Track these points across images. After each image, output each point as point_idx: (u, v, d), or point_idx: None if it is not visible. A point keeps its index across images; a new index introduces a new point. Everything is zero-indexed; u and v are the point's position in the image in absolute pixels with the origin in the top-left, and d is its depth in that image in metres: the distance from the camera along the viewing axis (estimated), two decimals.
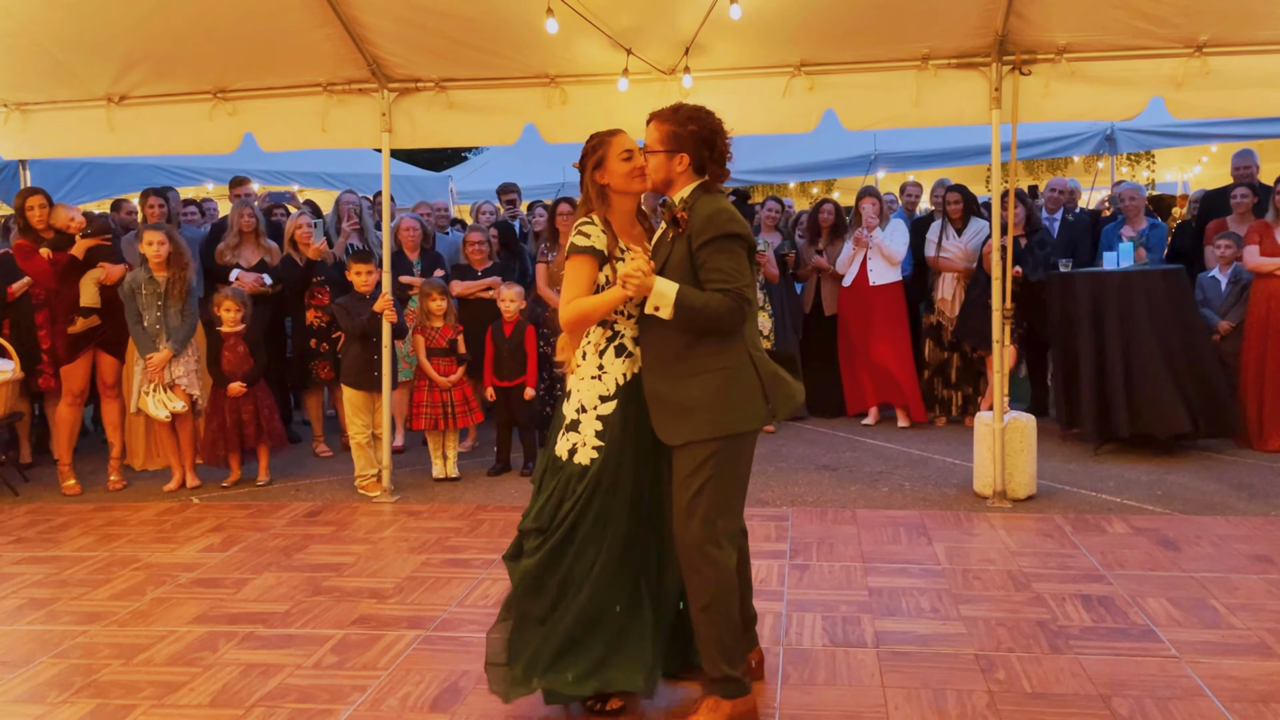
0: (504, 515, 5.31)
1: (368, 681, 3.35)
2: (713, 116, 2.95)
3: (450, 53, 5.44)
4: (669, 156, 2.92)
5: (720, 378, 2.82)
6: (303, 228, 6.75)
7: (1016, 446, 5.28)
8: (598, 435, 2.94)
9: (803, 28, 5.13)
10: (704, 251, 2.81)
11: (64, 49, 5.55)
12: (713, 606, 2.86)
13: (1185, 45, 5.01)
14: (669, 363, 2.87)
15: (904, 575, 4.21)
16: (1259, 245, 6.29)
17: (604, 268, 2.95)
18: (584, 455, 2.94)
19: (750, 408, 2.85)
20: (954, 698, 3.11)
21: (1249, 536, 4.61)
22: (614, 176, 3.00)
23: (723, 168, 2.95)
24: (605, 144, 3.02)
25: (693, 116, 2.91)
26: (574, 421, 2.98)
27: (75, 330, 5.94)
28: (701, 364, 2.83)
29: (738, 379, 2.84)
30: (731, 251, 2.81)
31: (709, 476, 2.82)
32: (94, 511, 5.65)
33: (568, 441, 2.98)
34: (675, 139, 2.91)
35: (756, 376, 2.86)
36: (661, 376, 2.89)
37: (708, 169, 2.92)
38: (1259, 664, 3.30)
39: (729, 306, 2.77)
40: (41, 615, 4.05)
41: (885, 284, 7.24)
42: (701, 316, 2.78)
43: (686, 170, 2.92)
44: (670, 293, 2.78)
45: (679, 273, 2.84)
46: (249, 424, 6.00)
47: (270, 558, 4.71)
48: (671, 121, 2.92)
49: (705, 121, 2.92)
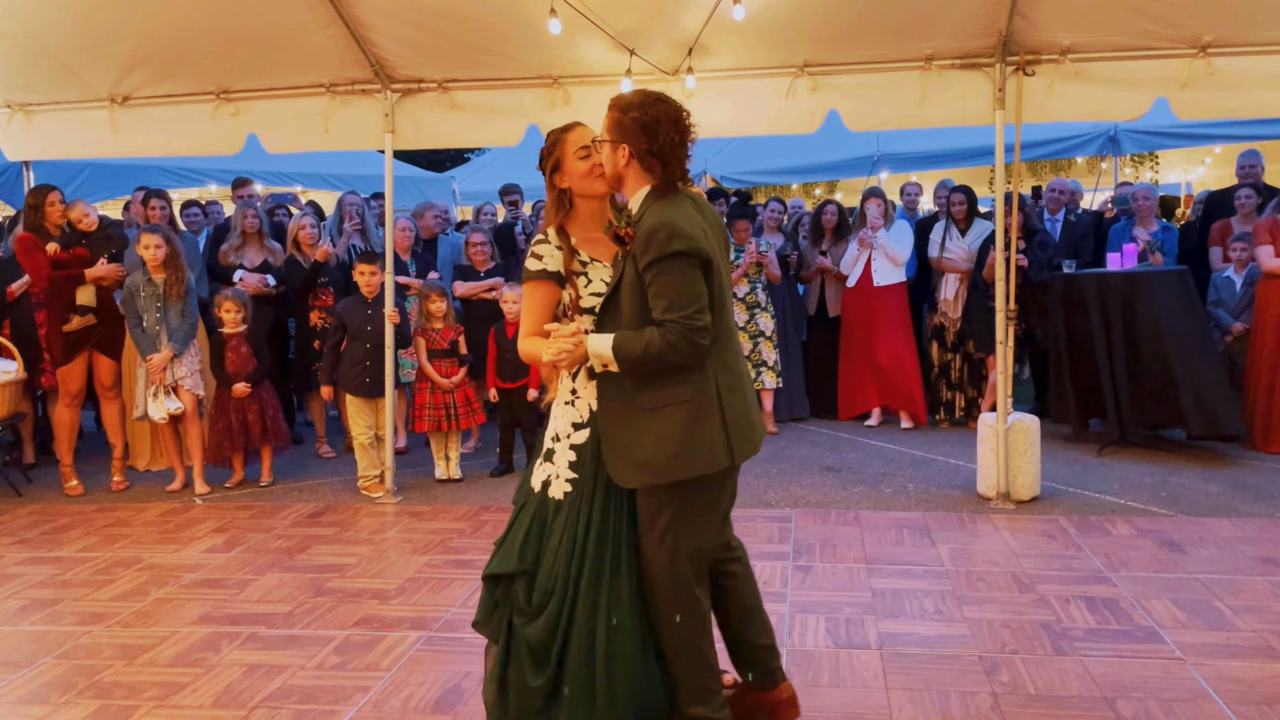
0: (506, 516, 5.27)
1: (370, 682, 3.35)
2: (662, 103, 2.58)
3: (453, 53, 5.44)
4: (613, 148, 2.60)
5: (680, 414, 2.52)
6: (305, 229, 6.75)
7: (1020, 448, 5.27)
8: (571, 467, 2.68)
9: (806, 28, 5.12)
10: (647, 275, 2.47)
11: (67, 50, 5.56)
12: (684, 644, 2.66)
13: (1190, 46, 5.00)
14: (629, 394, 2.56)
15: (907, 577, 4.20)
16: (1272, 245, 6.26)
17: (565, 287, 2.69)
18: (557, 489, 2.69)
19: (709, 451, 2.54)
20: (958, 699, 3.11)
21: (1254, 538, 4.60)
22: (572, 178, 2.72)
23: (670, 164, 2.56)
24: (561, 141, 2.73)
25: (635, 102, 2.57)
26: (549, 450, 2.74)
27: (71, 328, 5.94)
28: (663, 396, 2.53)
29: (698, 417, 2.53)
30: (675, 273, 2.45)
31: (670, 520, 2.59)
32: (97, 512, 5.65)
33: (543, 472, 2.74)
34: (618, 127, 2.58)
35: (719, 414, 2.55)
36: (617, 414, 2.60)
37: (649, 164, 2.56)
38: (1264, 666, 3.29)
39: (670, 341, 2.43)
40: (44, 616, 4.05)
41: (890, 285, 7.24)
42: (646, 361, 2.47)
43: (632, 165, 2.58)
44: (605, 350, 2.50)
45: (632, 294, 2.53)
46: (254, 424, 6.01)
47: (273, 558, 4.71)
48: (616, 108, 2.60)
49: (649, 107, 2.55)
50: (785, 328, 7.48)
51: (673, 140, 2.55)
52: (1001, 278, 5.31)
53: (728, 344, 2.64)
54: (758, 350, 7.21)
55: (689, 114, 2.63)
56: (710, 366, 2.58)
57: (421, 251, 7.14)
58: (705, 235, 2.54)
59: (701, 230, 2.54)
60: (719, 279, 2.57)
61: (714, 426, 2.56)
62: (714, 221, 2.67)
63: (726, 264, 2.66)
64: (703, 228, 2.56)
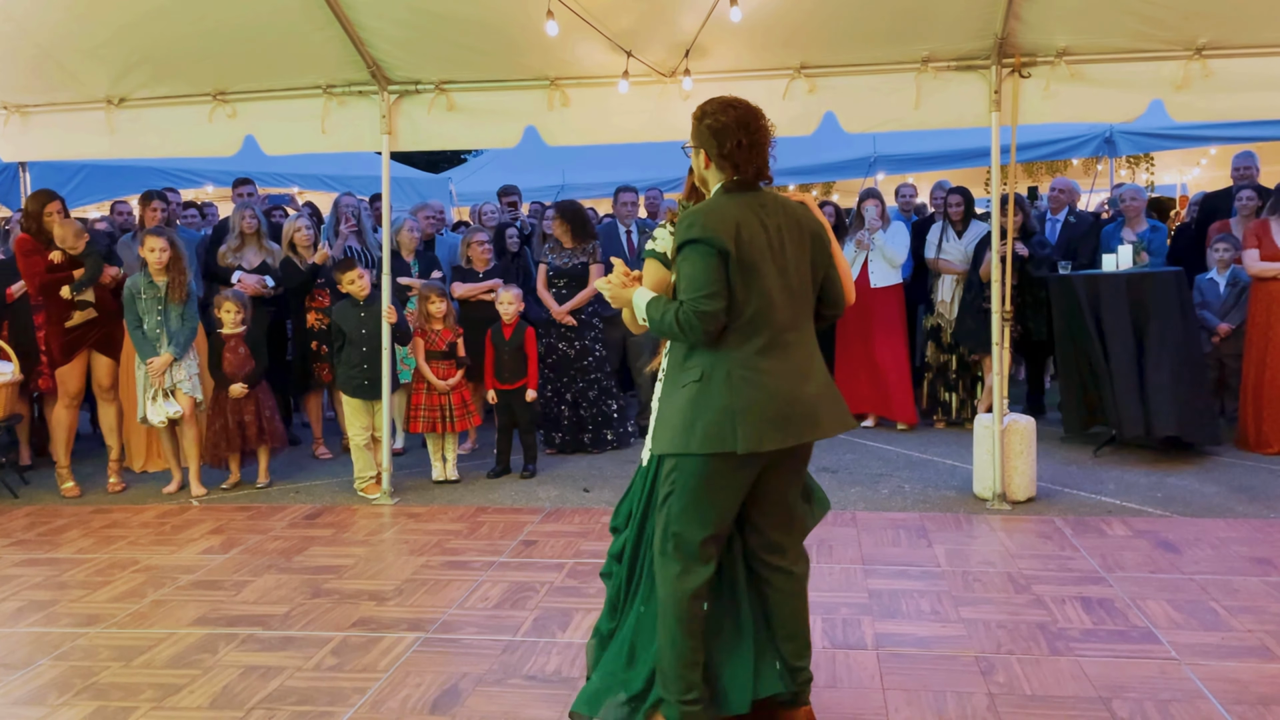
0: (504, 518, 5.31)
1: (367, 684, 3.35)
2: (732, 109, 2.71)
3: (450, 55, 5.44)
4: (695, 153, 2.81)
5: (691, 391, 2.64)
6: (301, 230, 6.75)
7: (1016, 449, 5.28)
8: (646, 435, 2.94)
9: (803, 30, 5.13)
10: (675, 259, 2.69)
11: (64, 51, 5.56)
12: (662, 620, 2.74)
13: (1185, 48, 5.01)
14: (672, 370, 2.76)
15: (904, 577, 4.21)
16: (1259, 248, 6.29)
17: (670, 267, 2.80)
18: (644, 454, 2.94)
19: (709, 430, 2.59)
20: (954, 700, 3.11)
21: (1249, 539, 4.61)
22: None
23: (741, 165, 2.68)
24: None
25: (709, 110, 2.74)
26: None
27: (73, 324, 5.94)
28: (688, 373, 2.67)
29: (704, 396, 2.62)
30: (690, 259, 2.60)
31: (670, 491, 2.70)
32: (93, 514, 5.64)
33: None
34: (696, 134, 2.78)
35: (724, 400, 2.60)
36: (665, 385, 2.81)
37: (724, 167, 2.70)
38: (1259, 666, 3.30)
39: (680, 320, 2.57)
40: (41, 617, 4.05)
41: (886, 286, 7.25)
42: (661, 329, 2.66)
43: (711, 168, 2.75)
44: (638, 304, 2.72)
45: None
46: (251, 425, 6.01)
47: (270, 560, 4.71)
48: (695, 115, 2.79)
49: (720, 114, 2.71)
50: None
51: (740, 143, 2.68)
52: (997, 279, 5.32)
53: (757, 336, 2.64)
54: None
55: (762, 116, 2.74)
56: (725, 353, 2.63)
57: (424, 250, 7.14)
58: (739, 229, 2.61)
59: (735, 224, 2.61)
60: (754, 273, 2.62)
61: (716, 411, 2.60)
62: (785, 222, 2.70)
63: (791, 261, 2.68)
64: (737, 223, 2.62)
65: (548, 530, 5.05)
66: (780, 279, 2.66)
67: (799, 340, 2.72)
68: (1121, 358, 6.06)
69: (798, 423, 2.66)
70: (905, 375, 7.28)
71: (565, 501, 5.57)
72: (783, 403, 2.65)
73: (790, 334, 2.69)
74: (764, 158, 2.73)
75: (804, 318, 2.75)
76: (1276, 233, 6.27)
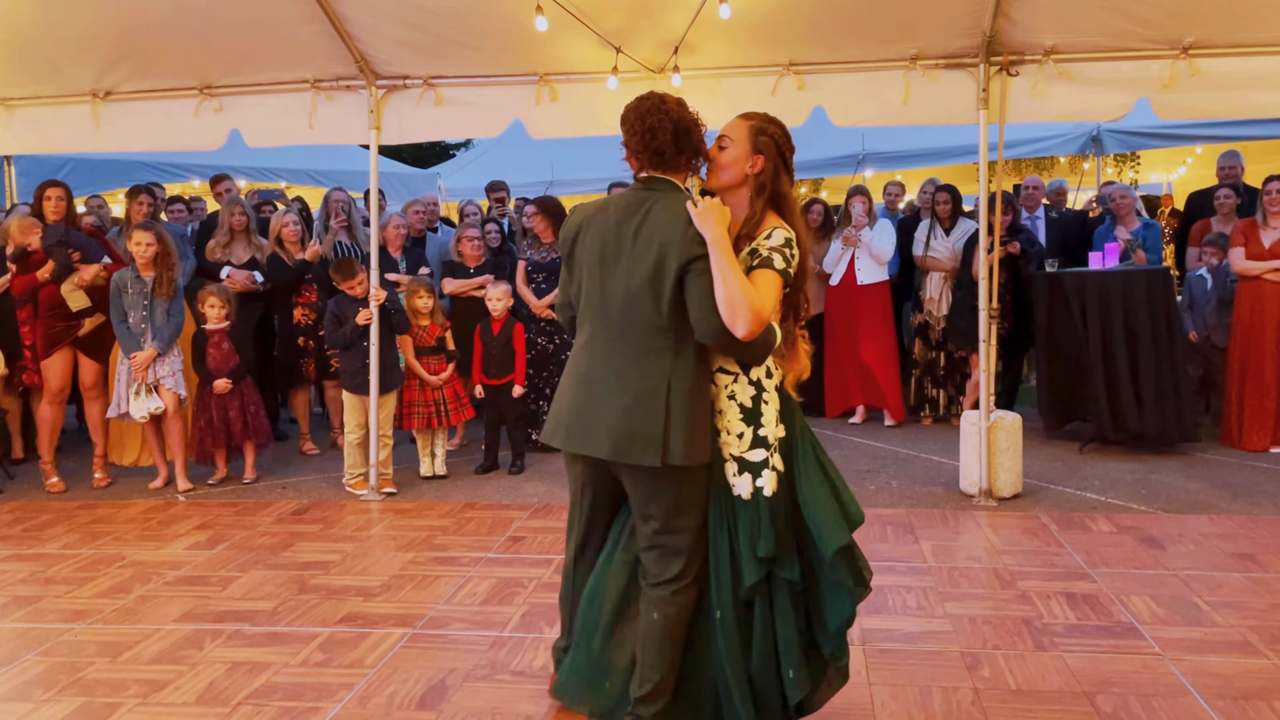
0: (491, 513, 5.31)
1: (355, 679, 3.35)
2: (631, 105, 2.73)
3: (439, 50, 5.43)
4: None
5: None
6: (289, 226, 6.71)
7: (1002, 445, 5.30)
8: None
9: (792, 27, 5.14)
10: None
11: (48, 45, 5.52)
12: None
13: (1171, 47, 5.04)
14: None
15: (890, 573, 4.23)
16: (1244, 247, 6.33)
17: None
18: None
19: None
20: (940, 695, 3.13)
21: (1232, 535, 4.65)
22: None
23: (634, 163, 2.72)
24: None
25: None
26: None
27: (85, 332, 5.93)
28: None
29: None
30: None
31: None
32: (79, 509, 5.62)
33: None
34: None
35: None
36: None
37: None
38: (1242, 661, 3.33)
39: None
40: (26, 613, 4.03)
41: (873, 283, 7.27)
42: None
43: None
44: None
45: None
46: (236, 421, 5.98)
47: (257, 555, 4.69)
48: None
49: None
50: None
51: (627, 141, 2.72)
52: (984, 276, 5.34)
53: (583, 333, 2.70)
54: None
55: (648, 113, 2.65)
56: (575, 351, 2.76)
57: (411, 247, 7.12)
58: (580, 232, 2.70)
59: (577, 227, 2.72)
60: (583, 275, 2.67)
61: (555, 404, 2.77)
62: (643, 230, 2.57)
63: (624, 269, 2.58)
64: (579, 226, 2.71)
65: (535, 526, 5.05)
66: (608, 285, 2.60)
67: (621, 352, 2.59)
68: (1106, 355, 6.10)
69: (578, 432, 2.63)
70: (893, 372, 7.30)
71: (553, 497, 5.57)
72: (573, 404, 2.66)
73: (612, 343, 2.60)
74: (645, 155, 2.64)
75: (635, 330, 2.56)
76: (1262, 232, 6.31)
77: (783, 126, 2.68)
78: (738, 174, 2.65)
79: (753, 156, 2.63)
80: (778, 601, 2.60)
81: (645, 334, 2.55)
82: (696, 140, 2.66)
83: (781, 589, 2.60)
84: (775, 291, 2.52)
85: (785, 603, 2.60)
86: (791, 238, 2.57)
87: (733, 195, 2.67)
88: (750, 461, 2.58)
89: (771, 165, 2.63)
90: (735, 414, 2.60)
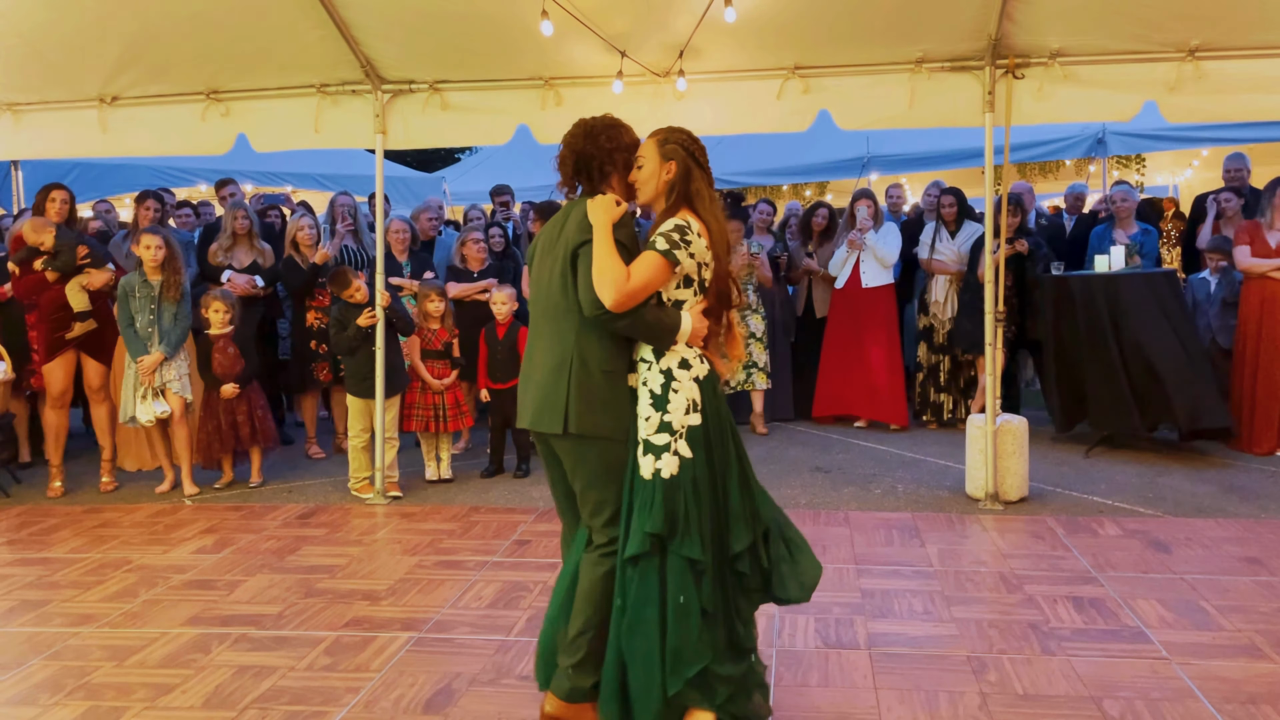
0: (497, 517, 5.31)
1: (361, 683, 3.35)
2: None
3: (444, 55, 5.44)
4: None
5: None
6: (304, 229, 6.73)
7: (1008, 449, 5.29)
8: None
9: (797, 30, 5.14)
10: None
11: (56, 50, 5.53)
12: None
13: (1178, 49, 5.03)
14: None
15: (896, 577, 4.22)
16: (1250, 245, 6.32)
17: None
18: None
19: None
20: (946, 699, 3.12)
21: (1240, 539, 4.63)
22: None
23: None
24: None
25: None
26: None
27: (73, 335, 5.92)
28: None
29: None
30: None
31: None
32: (85, 513, 5.63)
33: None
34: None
35: None
36: None
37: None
38: (1249, 665, 3.32)
39: None
40: (33, 617, 4.04)
41: (878, 286, 7.26)
42: None
43: None
44: None
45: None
46: (243, 425, 5.99)
47: (263, 559, 4.70)
48: None
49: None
50: (775, 330, 7.50)
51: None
52: (991, 280, 5.34)
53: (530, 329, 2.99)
54: (748, 352, 7.22)
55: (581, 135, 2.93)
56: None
57: (418, 250, 7.13)
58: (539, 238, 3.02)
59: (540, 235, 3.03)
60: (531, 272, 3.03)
61: None
62: (563, 231, 2.88)
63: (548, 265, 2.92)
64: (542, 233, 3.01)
65: (541, 530, 5.05)
66: (540, 279, 2.94)
67: (546, 334, 2.88)
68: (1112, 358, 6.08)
69: (519, 410, 2.95)
70: (897, 376, 7.30)
71: None
72: (521, 387, 2.97)
73: (541, 328, 2.92)
74: (564, 173, 2.96)
75: (554, 314, 2.86)
76: (1267, 232, 6.30)
77: (688, 134, 2.90)
78: (656, 186, 2.88)
79: (664, 164, 2.86)
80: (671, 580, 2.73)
81: (560, 316, 2.85)
82: (597, 165, 2.90)
83: (676, 568, 2.73)
84: (651, 269, 2.71)
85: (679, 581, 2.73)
86: (685, 224, 2.76)
87: (660, 203, 2.91)
88: (654, 444, 2.75)
89: (681, 167, 2.84)
90: (646, 399, 2.78)
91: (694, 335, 2.79)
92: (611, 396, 2.81)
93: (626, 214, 2.85)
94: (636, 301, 2.69)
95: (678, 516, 2.72)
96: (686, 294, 2.81)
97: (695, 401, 2.77)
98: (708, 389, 2.80)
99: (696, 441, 2.76)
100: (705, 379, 2.81)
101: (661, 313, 2.76)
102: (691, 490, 2.74)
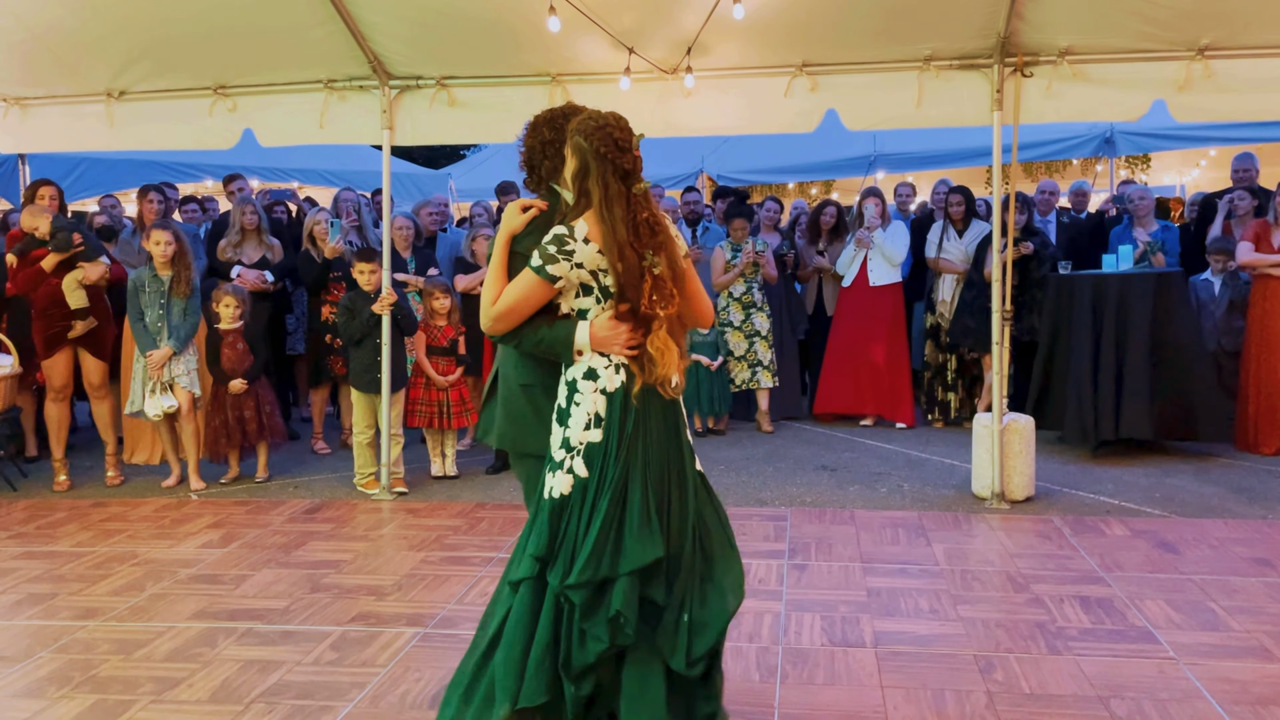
0: (502, 513, 5.31)
1: (367, 678, 3.35)
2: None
3: (452, 51, 5.44)
4: None
5: None
6: (322, 224, 6.74)
7: (1015, 448, 5.28)
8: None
9: (805, 28, 5.13)
10: None
11: (63, 44, 5.54)
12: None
13: (1187, 48, 5.01)
14: None
15: (903, 576, 4.22)
16: (1254, 243, 6.29)
17: None
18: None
19: None
20: (953, 698, 3.12)
21: (1248, 539, 4.62)
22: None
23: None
24: None
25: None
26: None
27: (75, 334, 5.92)
28: None
29: None
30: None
31: None
32: (92, 507, 5.64)
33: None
34: None
35: None
36: None
37: None
38: (1257, 666, 3.31)
39: None
40: (40, 610, 4.05)
41: (885, 284, 7.25)
42: None
43: None
44: None
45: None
46: (250, 420, 6.00)
47: (269, 554, 4.70)
48: None
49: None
50: (781, 327, 7.49)
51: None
52: (998, 278, 5.33)
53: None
54: (753, 350, 7.22)
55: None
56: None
57: (423, 247, 7.13)
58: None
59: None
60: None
61: None
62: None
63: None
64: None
65: None
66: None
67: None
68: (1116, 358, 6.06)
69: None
70: (904, 374, 7.29)
71: None
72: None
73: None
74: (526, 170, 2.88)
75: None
76: (1273, 232, 6.27)
77: (597, 121, 2.53)
78: (574, 185, 2.57)
79: (571, 159, 2.56)
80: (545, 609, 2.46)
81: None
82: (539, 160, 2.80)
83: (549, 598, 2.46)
84: (522, 291, 2.50)
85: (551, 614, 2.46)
86: (562, 234, 2.48)
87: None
88: (554, 460, 2.54)
89: (579, 162, 2.52)
90: (552, 413, 2.60)
91: (603, 343, 2.49)
92: (530, 411, 2.69)
93: (538, 219, 2.64)
94: (512, 323, 2.52)
95: (557, 540, 2.47)
96: (588, 302, 2.52)
97: (598, 415, 2.48)
98: (620, 403, 2.48)
99: (594, 460, 2.47)
100: (616, 391, 2.49)
101: (549, 327, 2.53)
102: (580, 513, 2.46)
